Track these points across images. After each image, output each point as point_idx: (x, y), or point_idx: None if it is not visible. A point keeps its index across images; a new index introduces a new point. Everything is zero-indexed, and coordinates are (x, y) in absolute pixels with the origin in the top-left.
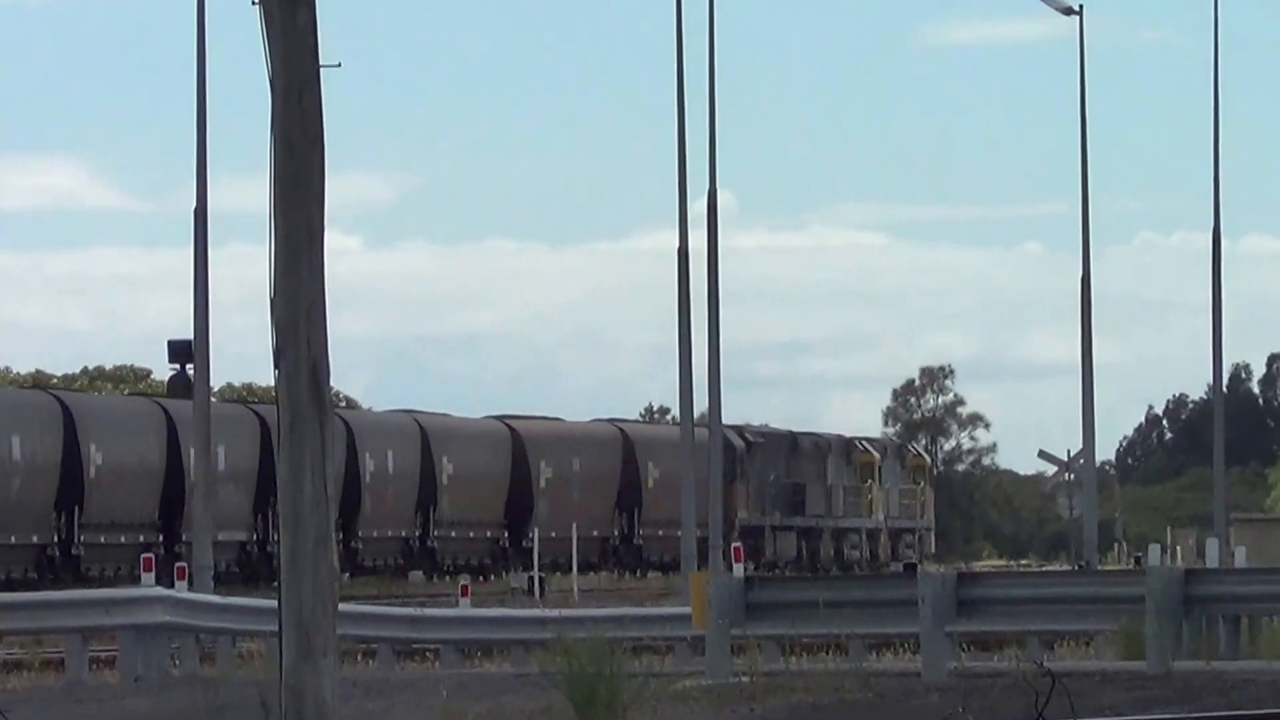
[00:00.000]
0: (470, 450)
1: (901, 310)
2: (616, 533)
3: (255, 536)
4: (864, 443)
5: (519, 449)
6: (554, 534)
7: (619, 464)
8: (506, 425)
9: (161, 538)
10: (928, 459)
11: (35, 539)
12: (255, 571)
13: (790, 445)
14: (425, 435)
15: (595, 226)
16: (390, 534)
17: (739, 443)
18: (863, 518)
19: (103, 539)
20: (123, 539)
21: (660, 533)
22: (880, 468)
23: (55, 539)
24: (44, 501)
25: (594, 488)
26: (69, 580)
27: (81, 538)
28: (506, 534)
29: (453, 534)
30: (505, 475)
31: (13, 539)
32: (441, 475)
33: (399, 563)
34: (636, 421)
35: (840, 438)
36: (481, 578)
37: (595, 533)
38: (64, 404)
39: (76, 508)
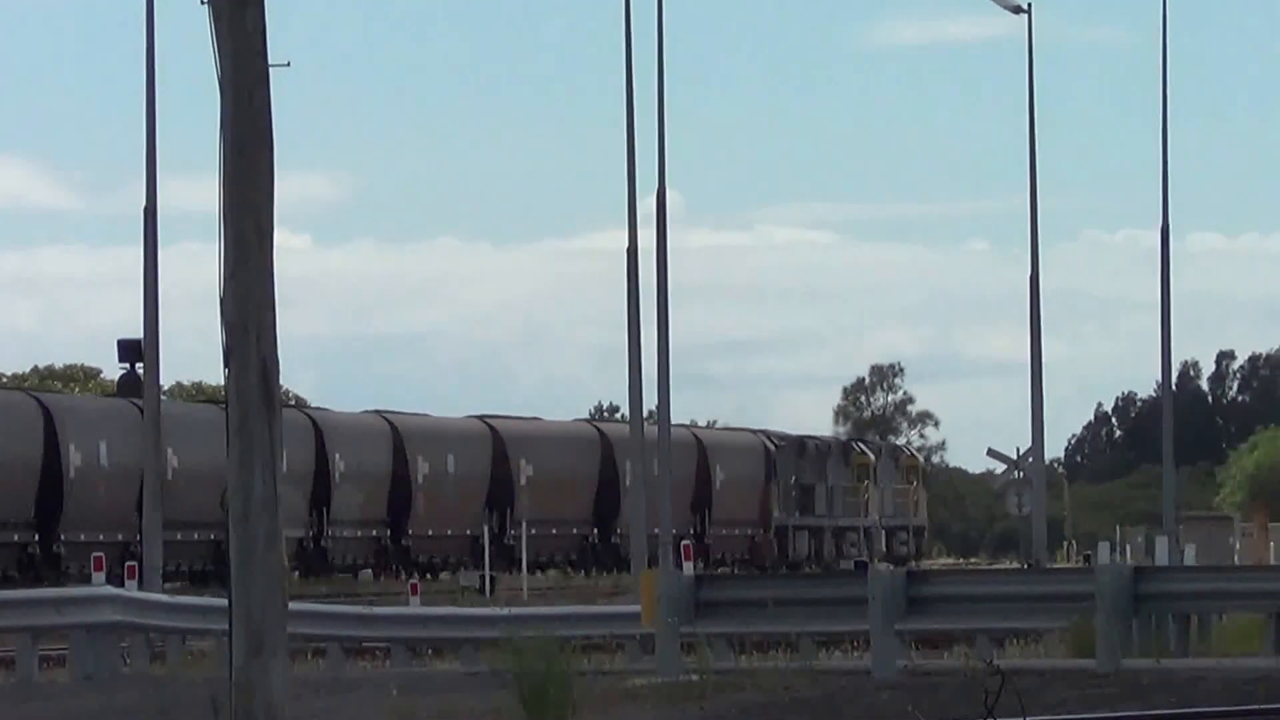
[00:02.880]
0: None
1: (850, 308)
2: (693, 531)
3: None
4: (860, 444)
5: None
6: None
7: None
8: (590, 425)
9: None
10: (920, 460)
11: (120, 537)
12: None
13: (799, 448)
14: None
15: (543, 225)
16: (197, 536)
17: (771, 446)
18: (860, 517)
19: (179, 536)
20: (196, 535)
21: (725, 532)
22: (875, 468)
23: (137, 537)
24: (127, 503)
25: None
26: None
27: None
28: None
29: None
30: (594, 475)
31: (100, 537)
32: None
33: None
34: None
35: (838, 440)
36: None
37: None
38: (144, 412)
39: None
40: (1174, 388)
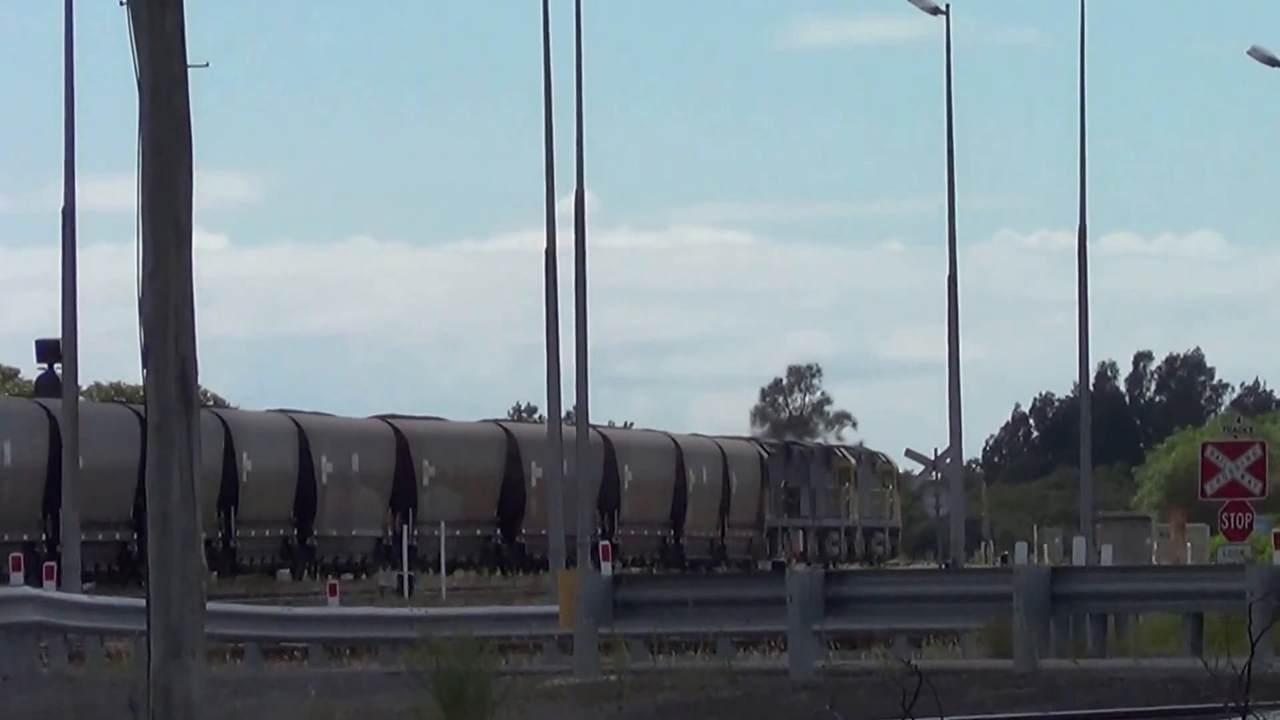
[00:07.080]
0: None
1: (767, 309)
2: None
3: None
4: (842, 450)
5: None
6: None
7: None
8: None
9: (296, 532)
10: (895, 465)
11: (117, 536)
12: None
13: (786, 453)
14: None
15: (460, 226)
16: (268, 533)
17: (765, 453)
18: (840, 518)
19: (253, 533)
20: (267, 533)
21: (738, 534)
22: (855, 473)
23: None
24: (207, 504)
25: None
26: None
27: (237, 533)
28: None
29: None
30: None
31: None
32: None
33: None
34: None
35: (821, 446)
36: (357, 576)
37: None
38: (224, 421)
39: (233, 507)
40: (1091, 388)
